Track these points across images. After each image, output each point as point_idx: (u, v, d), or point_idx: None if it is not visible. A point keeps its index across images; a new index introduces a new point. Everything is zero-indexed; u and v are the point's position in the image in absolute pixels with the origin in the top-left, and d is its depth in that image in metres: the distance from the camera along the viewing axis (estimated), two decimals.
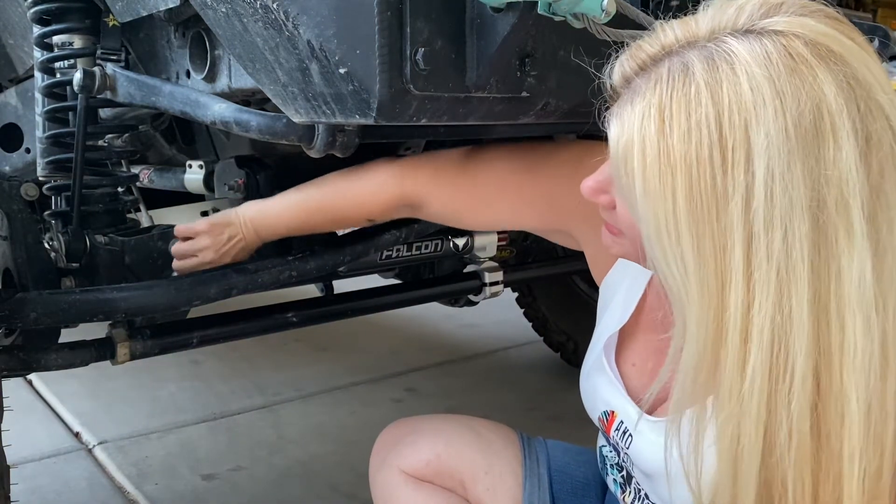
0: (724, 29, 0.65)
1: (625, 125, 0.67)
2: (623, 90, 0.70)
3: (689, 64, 0.64)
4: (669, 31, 0.68)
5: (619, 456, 0.99)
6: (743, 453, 0.64)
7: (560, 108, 0.93)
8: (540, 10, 0.72)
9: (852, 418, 0.62)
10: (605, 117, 0.72)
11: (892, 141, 0.63)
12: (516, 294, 2.76)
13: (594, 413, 0.99)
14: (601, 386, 0.97)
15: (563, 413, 2.42)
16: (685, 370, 0.67)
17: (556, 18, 0.74)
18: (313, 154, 1.03)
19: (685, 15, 0.81)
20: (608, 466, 1.04)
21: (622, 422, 0.93)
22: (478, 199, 1.12)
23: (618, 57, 0.71)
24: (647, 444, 0.88)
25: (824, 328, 0.62)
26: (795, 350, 0.61)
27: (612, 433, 0.95)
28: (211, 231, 1.22)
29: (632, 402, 0.93)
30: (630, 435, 0.91)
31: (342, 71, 0.79)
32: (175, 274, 1.29)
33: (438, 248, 1.73)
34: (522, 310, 2.80)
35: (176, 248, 1.25)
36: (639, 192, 0.66)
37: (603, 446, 1.05)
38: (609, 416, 0.96)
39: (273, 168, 1.52)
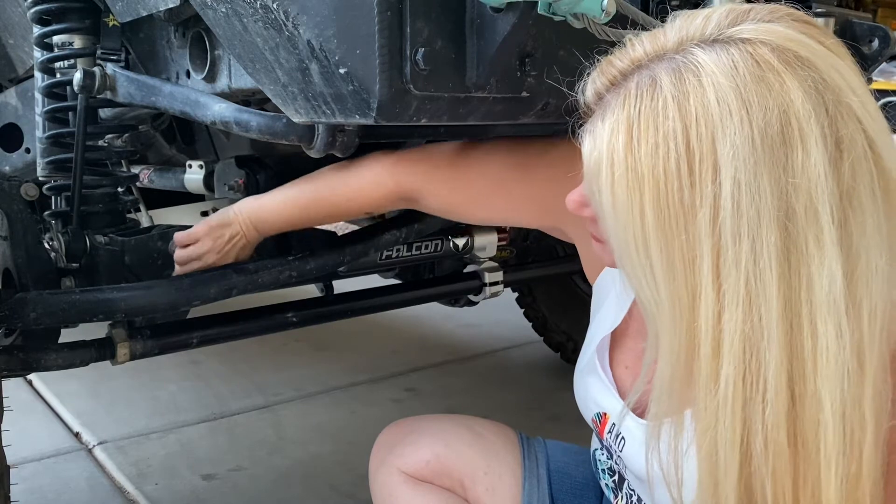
0: (691, 39, 0.65)
1: (596, 141, 0.67)
2: (595, 106, 0.70)
3: (656, 77, 0.64)
4: (638, 46, 0.68)
5: (611, 459, 0.99)
6: (721, 463, 0.64)
7: (560, 108, 0.94)
8: (540, 10, 0.72)
9: (827, 424, 0.62)
10: (579, 134, 0.72)
11: (864, 143, 0.62)
12: (516, 294, 2.76)
13: (587, 414, 0.99)
14: (594, 387, 0.97)
15: (563, 413, 2.42)
16: (660, 383, 0.67)
17: (556, 18, 0.74)
18: (313, 154, 1.03)
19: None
20: (601, 471, 1.04)
21: (615, 424, 0.93)
22: (471, 195, 1.12)
23: (590, 74, 0.72)
24: (639, 447, 0.88)
25: (796, 335, 0.62)
26: (767, 359, 0.61)
27: (605, 435, 0.95)
28: (210, 233, 1.22)
29: (624, 404, 0.93)
30: (623, 438, 0.91)
31: (342, 71, 0.79)
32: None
33: (438, 248, 1.73)
34: (522, 310, 2.80)
35: (178, 255, 1.25)
36: (607, 207, 0.66)
37: (596, 450, 1.05)
38: (602, 417, 0.96)
39: (273, 168, 1.52)
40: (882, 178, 0.63)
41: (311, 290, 1.63)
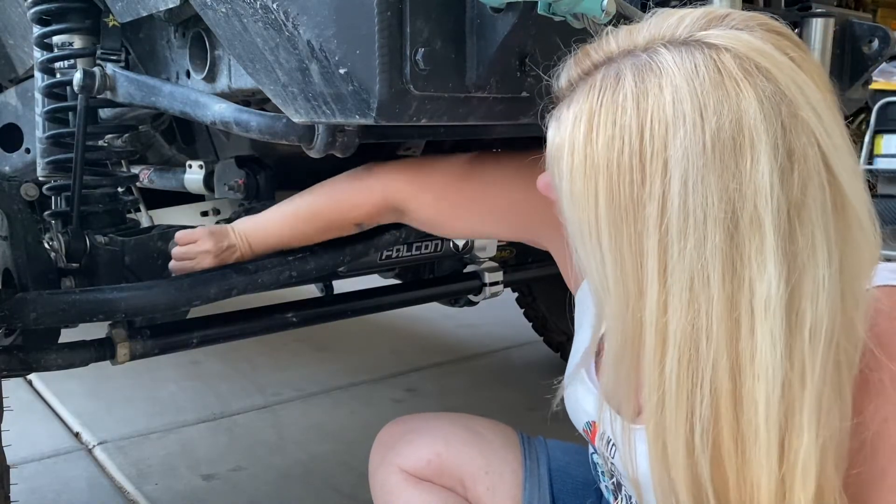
0: (661, 39, 0.66)
1: (560, 127, 0.69)
2: (566, 94, 0.71)
3: (621, 73, 0.66)
4: (612, 40, 0.69)
5: (607, 464, 0.99)
6: (669, 450, 0.66)
7: None
8: (540, 10, 0.72)
9: (759, 426, 0.63)
10: (546, 118, 0.73)
11: (818, 159, 0.63)
12: (516, 294, 2.76)
13: (578, 424, 0.99)
14: (582, 397, 0.97)
15: (563, 413, 2.42)
16: (607, 365, 0.69)
17: (556, 18, 0.74)
18: (313, 154, 1.03)
19: None
20: (599, 473, 1.04)
21: (604, 432, 0.92)
22: (454, 207, 1.15)
23: (566, 61, 0.73)
24: (631, 454, 0.87)
25: (736, 336, 0.63)
26: (707, 355, 0.63)
27: (596, 442, 0.95)
28: (212, 236, 1.23)
29: (613, 412, 0.92)
30: (614, 444, 0.91)
31: (342, 71, 0.79)
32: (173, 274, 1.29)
33: (438, 248, 1.73)
34: (522, 310, 2.80)
35: (177, 250, 1.25)
36: (566, 192, 0.68)
37: (593, 453, 1.05)
38: (592, 426, 0.95)
39: (273, 168, 1.52)
40: (836, 196, 0.63)
41: (311, 290, 1.63)
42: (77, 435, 2.32)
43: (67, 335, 1.30)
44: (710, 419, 0.64)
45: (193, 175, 1.60)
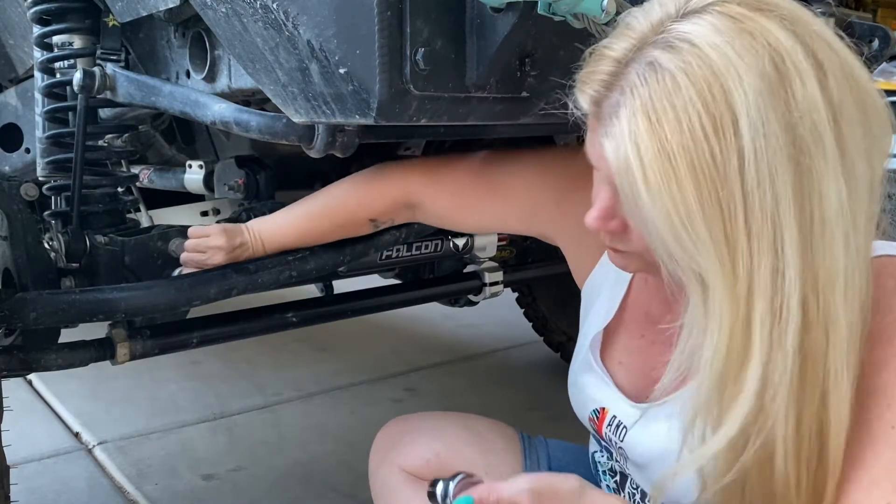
0: (663, 21, 0.68)
1: (616, 139, 0.68)
2: (598, 112, 0.71)
3: (653, 61, 0.67)
4: (616, 45, 0.70)
5: (611, 457, 0.99)
6: (768, 384, 0.67)
7: (560, 108, 0.93)
8: (540, 10, 0.72)
9: (839, 336, 0.67)
10: (592, 145, 0.74)
11: (838, 63, 0.67)
12: (516, 294, 2.76)
13: (584, 412, 1.00)
14: (590, 385, 0.98)
15: (563, 413, 2.41)
16: (712, 360, 0.68)
17: (556, 18, 0.74)
18: (313, 154, 1.03)
19: None
20: (601, 473, 1.04)
21: (615, 416, 0.94)
22: (467, 200, 1.16)
23: (569, 90, 0.74)
24: (642, 432, 0.89)
25: (811, 260, 0.66)
26: (789, 291, 0.65)
27: (603, 430, 0.96)
28: (225, 233, 1.23)
29: (623, 397, 0.93)
30: (624, 427, 0.92)
31: (342, 71, 0.79)
32: (177, 272, 1.29)
33: (438, 248, 1.73)
34: (522, 310, 2.80)
35: (189, 243, 1.25)
36: (644, 196, 0.67)
37: (595, 451, 1.05)
38: (600, 413, 0.96)
39: (273, 168, 1.52)
40: (857, 90, 0.68)
41: (311, 290, 1.63)
42: (77, 435, 2.32)
43: (67, 335, 1.30)
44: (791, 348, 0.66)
45: (193, 175, 1.60)
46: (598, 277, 1.02)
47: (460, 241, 1.76)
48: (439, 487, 0.79)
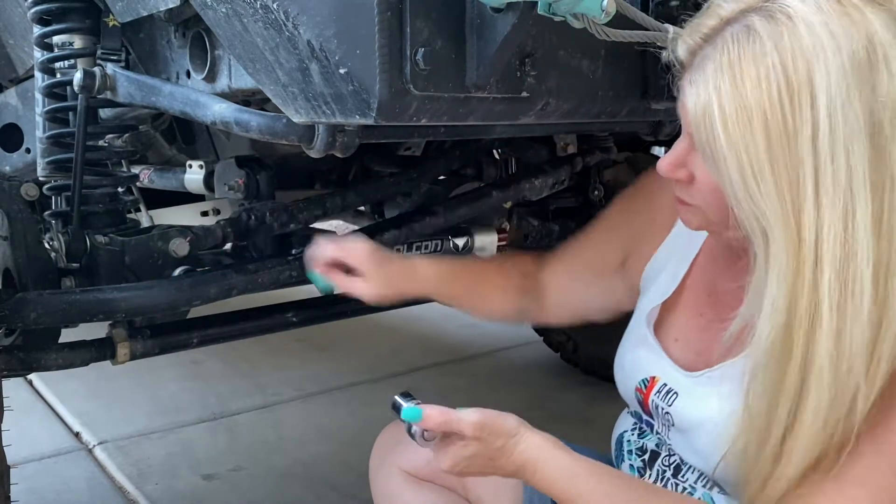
0: None
1: (700, 89, 0.74)
2: (690, 61, 0.77)
3: (750, 25, 0.72)
4: (725, 5, 0.75)
5: (650, 431, 1.01)
6: (842, 345, 0.71)
7: (560, 108, 0.94)
8: (540, 11, 0.72)
9: (892, 328, 0.71)
10: (676, 88, 0.80)
11: None
12: None
13: (631, 384, 1.02)
14: (642, 357, 1.01)
15: (564, 413, 2.42)
16: (772, 314, 0.72)
17: (556, 18, 0.74)
18: (313, 154, 1.03)
19: (684, 15, 0.81)
20: (626, 453, 1.04)
21: (665, 384, 0.97)
22: (580, 285, 1.20)
23: (676, 35, 0.79)
24: (692, 396, 0.93)
25: (885, 242, 0.69)
26: (860, 265, 0.69)
27: (651, 397, 0.98)
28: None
29: (676, 366, 0.96)
30: (675, 393, 0.95)
31: (342, 71, 0.79)
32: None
33: (438, 248, 1.73)
34: None
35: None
36: (722, 143, 0.72)
37: (625, 431, 1.05)
38: (649, 381, 0.99)
39: (273, 168, 1.52)
40: None
41: (312, 290, 1.63)
42: (77, 435, 2.32)
43: (67, 335, 1.30)
44: (864, 319, 0.70)
45: (193, 175, 1.61)
46: (660, 258, 1.06)
47: (460, 241, 1.76)
48: (398, 400, 0.89)
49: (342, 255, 1.11)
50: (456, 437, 0.87)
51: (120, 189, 1.39)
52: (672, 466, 0.98)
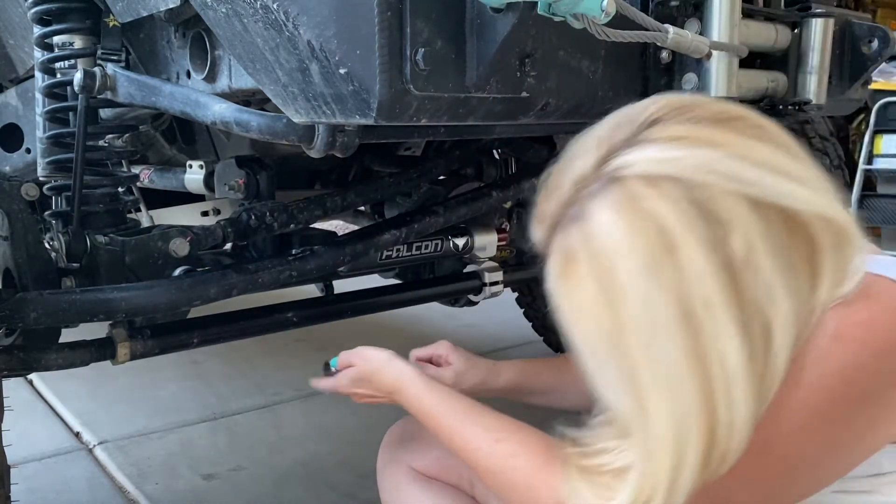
0: (581, 182, 0.71)
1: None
2: (545, 248, 0.77)
3: (566, 234, 0.72)
4: (549, 202, 0.75)
5: None
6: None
7: (560, 108, 0.94)
8: (540, 11, 0.72)
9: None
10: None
11: (742, 204, 0.67)
12: (516, 294, 2.76)
13: None
14: None
15: (564, 411, 2.42)
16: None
17: (556, 19, 0.74)
18: (313, 154, 1.03)
19: (684, 15, 0.81)
20: None
21: None
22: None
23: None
24: None
25: (712, 404, 0.68)
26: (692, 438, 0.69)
27: None
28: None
29: None
30: None
31: (342, 71, 0.79)
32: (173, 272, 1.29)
33: (438, 248, 1.73)
34: (522, 310, 2.80)
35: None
36: (574, 336, 0.75)
37: None
38: None
39: (273, 168, 1.52)
40: (787, 220, 0.69)
41: (311, 290, 1.63)
42: (77, 435, 2.32)
43: (68, 335, 1.30)
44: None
45: (194, 175, 1.61)
46: None
47: (460, 241, 1.76)
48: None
49: (430, 352, 1.29)
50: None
51: (120, 189, 1.39)
52: None
